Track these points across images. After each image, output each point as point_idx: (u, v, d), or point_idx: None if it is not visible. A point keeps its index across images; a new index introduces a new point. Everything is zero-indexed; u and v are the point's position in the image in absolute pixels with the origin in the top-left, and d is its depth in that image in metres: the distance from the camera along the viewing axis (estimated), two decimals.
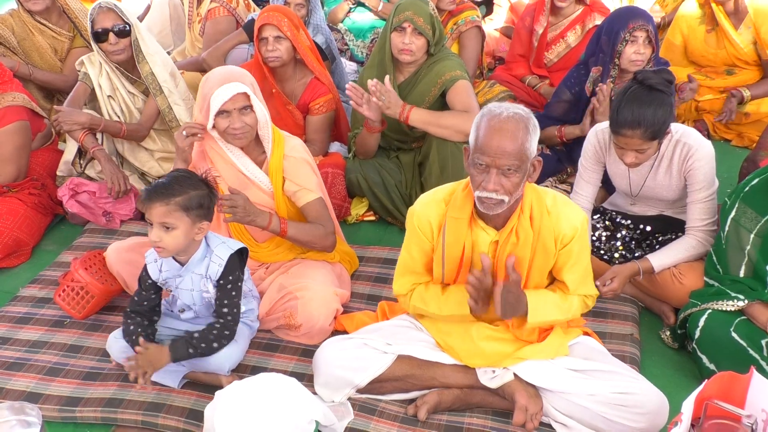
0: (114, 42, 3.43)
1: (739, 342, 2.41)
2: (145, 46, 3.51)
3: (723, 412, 1.95)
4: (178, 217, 2.31)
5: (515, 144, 2.09)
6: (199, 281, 2.45)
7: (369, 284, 3.07)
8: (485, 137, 2.10)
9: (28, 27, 3.98)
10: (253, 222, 2.64)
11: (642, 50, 3.31)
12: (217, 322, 2.44)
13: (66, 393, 2.51)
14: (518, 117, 2.12)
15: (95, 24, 3.41)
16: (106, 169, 3.46)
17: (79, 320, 2.86)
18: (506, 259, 2.17)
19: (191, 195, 2.34)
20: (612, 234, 3.02)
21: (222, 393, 2.18)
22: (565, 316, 2.31)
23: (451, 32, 4.13)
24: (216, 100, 2.60)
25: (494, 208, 2.16)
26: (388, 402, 2.43)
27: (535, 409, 2.30)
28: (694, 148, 2.73)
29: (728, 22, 4.14)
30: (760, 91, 4.13)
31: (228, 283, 2.43)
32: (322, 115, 3.56)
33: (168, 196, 2.31)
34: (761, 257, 2.43)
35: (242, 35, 4.28)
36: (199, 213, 2.36)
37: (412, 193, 3.47)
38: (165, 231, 2.32)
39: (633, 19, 3.32)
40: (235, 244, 2.48)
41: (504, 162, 2.09)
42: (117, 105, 3.62)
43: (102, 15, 3.41)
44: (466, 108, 3.26)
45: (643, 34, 3.30)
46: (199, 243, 2.42)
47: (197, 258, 2.42)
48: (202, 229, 2.38)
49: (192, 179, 2.39)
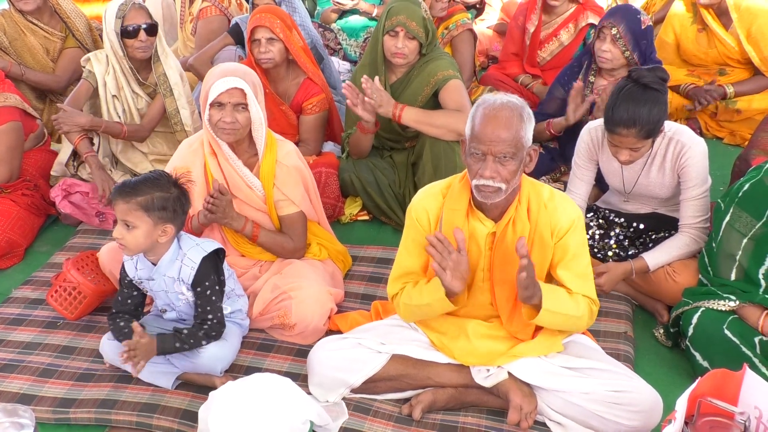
0: (144, 39, 3.44)
1: (731, 339, 2.42)
2: (161, 46, 3.54)
3: (716, 410, 1.96)
4: (138, 216, 2.32)
5: (510, 131, 2.10)
6: (171, 283, 2.45)
7: (363, 284, 3.07)
8: (480, 125, 2.12)
9: (20, 27, 3.97)
10: (228, 224, 2.74)
11: (605, 47, 3.35)
12: (204, 323, 2.45)
13: (60, 394, 2.50)
14: (512, 105, 2.14)
15: (126, 20, 3.41)
16: (97, 176, 3.46)
17: (72, 321, 2.85)
18: (517, 242, 2.10)
19: (155, 196, 2.34)
20: (605, 232, 3.03)
21: (216, 394, 2.18)
22: (576, 313, 2.24)
23: (442, 37, 4.13)
24: (213, 90, 2.62)
25: (492, 196, 2.16)
26: (382, 402, 2.43)
27: (529, 408, 2.30)
28: (687, 145, 2.74)
29: (717, 23, 4.16)
30: (745, 88, 4.14)
31: (206, 289, 2.43)
32: (315, 114, 3.56)
33: (131, 195, 2.33)
34: (753, 261, 2.44)
35: (227, 39, 4.27)
36: (162, 215, 2.35)
37: (405, 192, 3.47)
38: (126, 229, 2.33)
39: (607, 16, 3.42)
40: (210, 245, 2.47)
41: (500, 149, 2.10)
42: (120, 105, 3.61)
43: (134, 12, 3.43)
44: (459, 107, 3.26)
45: (609, 31, 3.34)
46: (168, 245, 2.42)
47: (167, 259, 2.42)
48: (166, 232, 2.38)
49: (161, 181, 2.39)
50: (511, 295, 2.30)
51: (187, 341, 2.42)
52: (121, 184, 2.38)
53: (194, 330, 2.44)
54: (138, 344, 2.35)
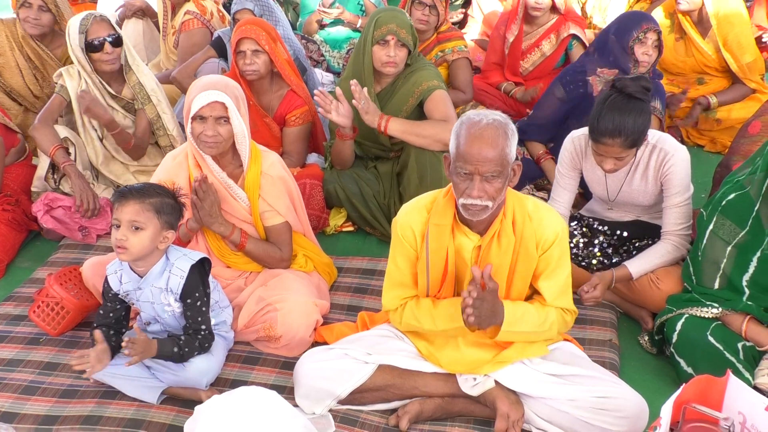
0: (110, 51, 3.43)
1: (715, 346, 2.44)
2: (131, 57, 3.54)
3: (701, 416, 1.98)
4: (149, 217, 2.33)
5: (496, 150, 2.11)
6: (159, 294, 2.44)
7: (349, 295, 3.07)
8: (466, 145, 2.13)
9: (17, 43, 3.88)
10: (212, 226, 2.73)
11: (650, 51, 3.37)
12: (198, 333, 2.45)
13: (42, 411, 2.47)
14: (497, 123, 2.15)
15: (90, 34, 3.41)
16: (76, 185, 3.42)
17: (55, 337, 2.82)
18: (483, 269, 2.17)
19: (165, 201, 2.39)
20: (589, 240, 3.05)
21: (202, 408, 2.16)
22: (541, 328, 2.29)
23: (436, 58, 4.13)
24: (195, 104, 2.62)
25: (479, 214, 2.18)
26: (369, 413, 2.42)
27: (516, 416, 2.30)
28: (670, 153, 2.77)
29: (695, 31, 4.22)
30: (727, 98, 4.21)
31: (196, 300, 2.43)
32: (298, 126, 3.57)
33: (143, 196, 2.35)
34: (737, 269, 2.47)
35: (210, 51, 4.27)
36: (169, 220, 2.38)
37: (390, 203, 3.47)
38: (133, 231, 2.32)
39: (645, 20, 3.42)
40: (196, 255, 2.48)
41: (486, 169, 2.11)
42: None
43: (97, 25, 3.42)
44: (444, 117, 3.27)
45: (653, 35, 3.37)
46: (161, 254, 2.42)
47: (156, 271, 2.42)
48: (166, 239, 2.39)
49: (164, 189, 2.44)
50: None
51: (183, 348, 2.42)
52: (126, 188, 2.40)
53: (190, 340, 2.44)
54: (137, 339, 2.34)
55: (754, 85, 4.21)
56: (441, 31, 4.20)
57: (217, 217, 2.73)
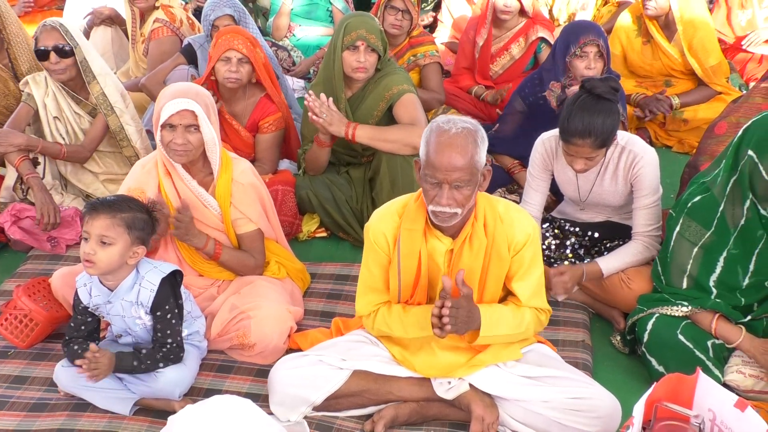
0: (55, 61, 3.37)
1: (685, 344, 2.47)
2: (94, 66, 3.46)
3: (672, 414, 2.00)
4: (119, 233, 2.30)
5: (465, 158, 2.12)
6: (129, 308, 2.41)
7: (322, 301, 3.06)
8: (436, 153, 2.13)
9: None
10: (189, 241, 2.71)
11: (593, 65, 3.37)
12: (163, 346, 2.42)
13: (11, 426, 2.43)
14: (467, 131, 2.15)
15: (38, 42, 3.37)
16: (38, 198, 3.34)
17: (24, 349, 2.77)
18: (456, 275, 2.17)
19: (137, 216, 2.36)
20: (561, 242, 3.07)
21: (175, 418, 2.13)
22: (517, 330, 2.31)
23: (408, 63, 4.15)
24: (164, 112, 2.60)
25: (448, 220, 2.19)
26: (344, 419, 2.41)
27: (491, 419, 2.30)
28: (640, 155, 2.80)
29: (661, 35, 4.28)
30: (690, 99, 4.27)
31: (166, 313, 2.41)
32: (271, 133, 3.55)
33: (115, 211, 2.32)
34: (703, 269, 2.49)
35: (180, 59, 4.24)
36: (139, 236, 2.36)
37: (363, 208, 3.47)
38: (101, 246, 2.30)
39: (584, 34, 3.38)
40: (167, 267, 2.46)
41: (455, 177, 2.12)
42: (63, 126, 3.54)
43: (45, 34, 3.37)
44: (413, 121, 3.28)
45: (593, 48, 3.36)
46: (131, 269, 2.40)
47: (126, 285, 2.39)
48: (136, 254, 2.37)
49: (137, 203, 2.41)
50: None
51: (144, 362, 2.39)
52: (97, 201, 2.36)
53: (152, 352, 2.41)
54: (95, 358, 2.31)
55: (719, 87, 4.28)
56: (413, 35, 4.22)
57: (192, 232, 2.71)
